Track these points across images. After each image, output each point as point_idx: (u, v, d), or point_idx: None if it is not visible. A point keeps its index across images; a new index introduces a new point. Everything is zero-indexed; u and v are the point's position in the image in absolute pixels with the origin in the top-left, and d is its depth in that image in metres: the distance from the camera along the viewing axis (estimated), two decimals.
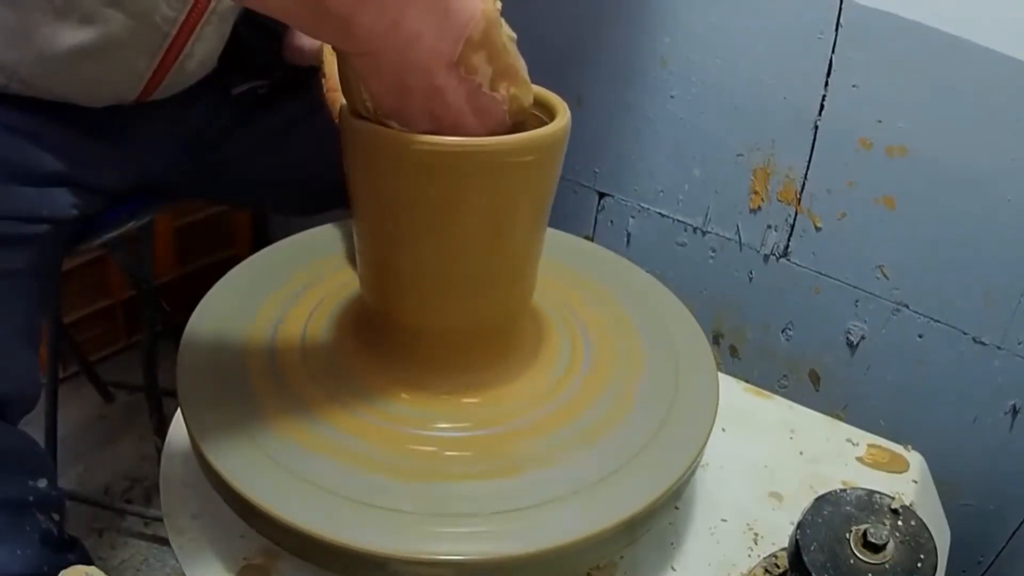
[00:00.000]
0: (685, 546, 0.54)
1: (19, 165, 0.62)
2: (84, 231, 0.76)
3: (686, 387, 0.54)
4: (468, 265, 0.48)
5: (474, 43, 0.41)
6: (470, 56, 0.41)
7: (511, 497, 0.45)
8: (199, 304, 0.58)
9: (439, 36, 0.40)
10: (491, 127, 0.45)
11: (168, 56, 0.62)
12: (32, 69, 0.60)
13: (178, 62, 0.63)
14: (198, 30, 0.61)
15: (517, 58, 0.45)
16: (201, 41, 0.63)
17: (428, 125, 0.43)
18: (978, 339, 0.87)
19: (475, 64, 0.42)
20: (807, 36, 0.86)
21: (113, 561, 1.07)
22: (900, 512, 0.46)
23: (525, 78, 0.46)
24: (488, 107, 0.44)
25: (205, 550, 0.50)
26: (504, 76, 0.44)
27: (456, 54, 0.41)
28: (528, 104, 0.47)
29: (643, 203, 1.07)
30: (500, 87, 0.44)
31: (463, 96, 0.43)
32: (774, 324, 1.02)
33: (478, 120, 0.44)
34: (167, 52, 0.62)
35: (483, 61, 0.42)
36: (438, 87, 0.42)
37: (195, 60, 0.65)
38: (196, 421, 0.48)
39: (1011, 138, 0.78)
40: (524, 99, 0.46)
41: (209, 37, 0.63)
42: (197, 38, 0.62)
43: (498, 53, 0.43)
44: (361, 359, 0.53)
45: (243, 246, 1.50)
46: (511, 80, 0.44)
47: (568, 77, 1.04)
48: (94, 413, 1.30)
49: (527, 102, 0.46)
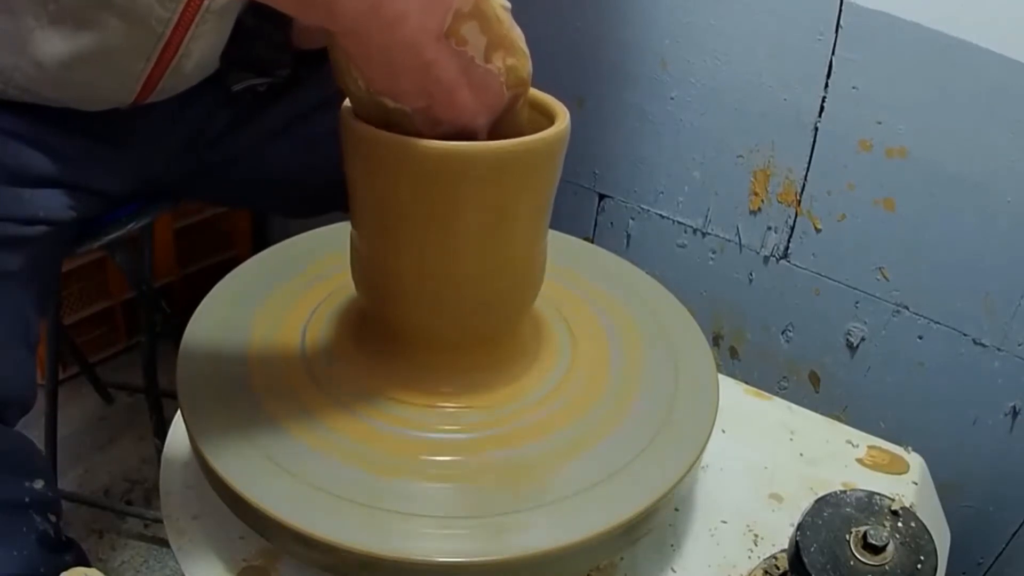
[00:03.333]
0: (685, 547, 0.54)
1: (14, 167, 0.62)
2: (83, 233, 0.76)
3: (686, 388, 0.54)
4: (468, 269, 0.48)
5: (463, 14, 0.40)
6: (459, 27, 0.40)
7: (511, 499, 0.45)
8: (199, 306, 0.58)
9: (424, 9, 0.39)
10: (488, 101, 0.44)
11: (164, 56, 0.62)
12: (28, 75, 0.59)
13: (174, 62, 0.63)
14: (193, 29, 0.61)
15: (512, 28, 0.43)
16: (197, 40, 0.62)
17: (422, 101, 0.42)
18: (978, 341, 0.87)
19: (465, 35, 0.41)
20: (807, 38, 0.86)
21: (113, 562, 1.07)
22: (900, 514, 0.46)
23: (522, 48, 0.44)
24: (484, 80, 0.43)
25: (205, 551, 0.50)
26: (498, 46, 0.42)
27: (444, 26, 0.40)
28: (527, 75, 0.45)
29: (643, 204, 1.07)
30: (495, 58, 0.42)
31: (456, 69, 0.41)
32: (774, 325, 1.02)
33: (473, 94, 0.43)
34: (162, 52, 0.61)
35: (474, 32, 0.41)
36: (428, 62, 0.40)
37: (192, 60, 0.64)
38: (196, 423, 0.48)
39: (1011, 139, 0.78)
40: (522, 70, 0.44)
41: (206, 35, 0.63)
42: (192, 37, 0.62)
43: (490, 23, 0.41)
44: (361, 360, 0.53)
45: (243, 248, 1.50)
46: (506, 50, 0.43)
47: (568, 79, 1.05)
48: (94, 415, 1.30)
49: (525, 73, 0.45)
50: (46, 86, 0.61)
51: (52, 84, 0.61)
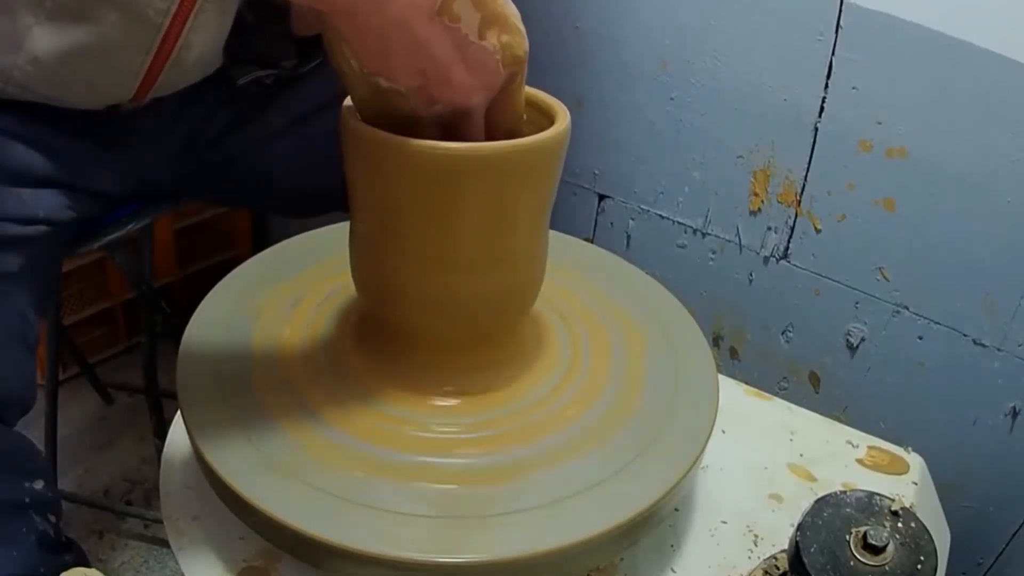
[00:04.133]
0: (685, 548, 0.54)
1: (14, 167, 0.62)
2: (83, 233, 0.76)
3: (686, 389, 0.54)
4: (468, 270, 0.48)
5: None
6: (452, 4, 0.40)
7: (511, 500, 0.45)
8: (199, 306, 0.58)
9: None
10: (484, 79, 0.43)
11: (163, 49, 0.61)
12: (27, 73, 0.59)
13: (174, 55, 0.62)
14: (192, 19, 0.60)
15: (506, 4, 0.42)
16: (197, 31, 0.62)
17: (416, 80, 0.42)
18: (978, 341, 0.87)
19: (458, 12, 0.40)
20: (807, 38, 0.86)
21: (113, 563, 1.07)
22: (900, 514, 0.46)
23: (517, 25, 0.43)
24: (478, 57, 0.42)
25: (205, 552, 0.50)
26: (492, 23, 0.42)
27: (437, 3, 0.39)
28: (523, 53, 0.44)
29: (643, 205, 1.07)
30: (489, 35, 0.42)
31: (449, 47, 0.41)
32: (774, 326, 1.02)
33: (468, 72, 0.42)
34: (161, 45, 0.61)
35: (468, 9, 0.40)
36: (421, 40, 0.40)
37: (193, 54, 0.64)
38: (196, 423, 0.48)
39: (1011, 139, 0.78)
40: (517, 48, 0.43)
41: (206, 26, 0.62)
42: (192, 28, 0.61)
43: (483, 0, 0.41)
44: (361, 361, 0.53)
45: (243, 248, 1.50)
46: (501, 27, 0.42)
47: (568, 79, 1.05)
48: (94, 415, 1.30)
49: (521, 51, 0.44)
50: (45, 83, 0.61)
51: (51, 81, 0.61)
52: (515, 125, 0.48)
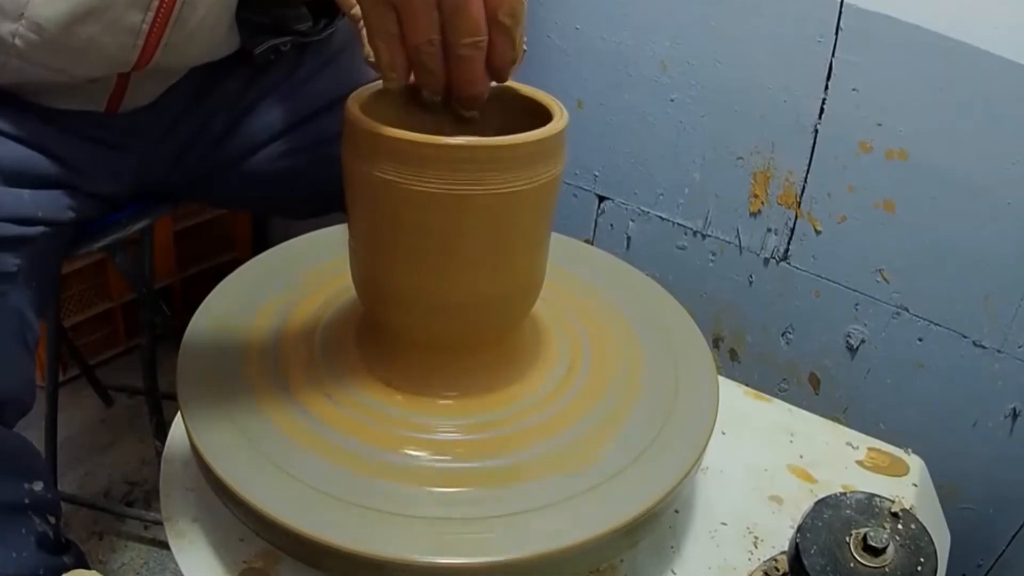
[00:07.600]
0: (685, 550, 0.54)
1: (14, 168, 0.62)
2: (83, 234, 0.76)
3: (686, 390, 0.54)
4: (467, 271, 0.48)
5: None
6: None
7: (511, 501, 0.45)
8: (199, 307, 0.58)
9: None
10: None
11: (164, 5, 0.60)
12: (28, 40, 0.58)
13: (175, 14, 0.61)
14: None
15: None
16: None
17: None
18: (978, 343, 0.87)
19: None
20: (807, 40, 0.87)
21: (113, 564, 1.07)
22: (900, 516, 0.46)
23: None
24: None
25: (205, 553, 0.50)
26: None
27: None
28: None
29: (643, 207, 1.07)
30: None
31: None
32: (774, 327, 1.02)
33: None
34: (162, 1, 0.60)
35: None
36: None
37: (198, 13, 0.62)
38: (196, 424, 0.48)
39: (1011, 142, 0.78)
40: None
41: None
42: None
43: None
44: (361, 363, 0.53)
45: (243, 250, 1.50)
46: None
47: (568, 80, 1.05)
48: (94, 416, 1.30)
49: None
50: (46, 51, 0.60)
51: (52, 48, 0.60)
52: None
